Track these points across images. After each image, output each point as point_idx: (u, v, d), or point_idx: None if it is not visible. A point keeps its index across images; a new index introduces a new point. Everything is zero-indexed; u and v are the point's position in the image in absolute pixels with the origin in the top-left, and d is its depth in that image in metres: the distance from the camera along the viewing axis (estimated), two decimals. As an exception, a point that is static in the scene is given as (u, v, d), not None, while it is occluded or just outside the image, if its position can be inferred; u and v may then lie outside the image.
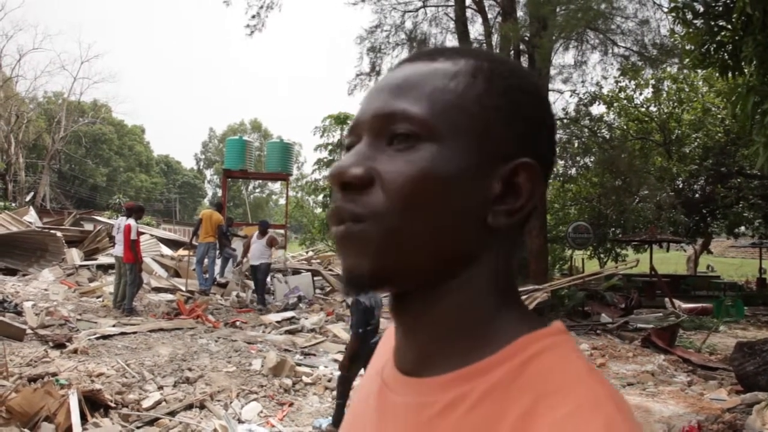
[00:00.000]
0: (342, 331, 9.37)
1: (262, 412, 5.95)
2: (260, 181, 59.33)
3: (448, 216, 0.60)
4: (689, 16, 6.69)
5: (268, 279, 12.62)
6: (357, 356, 5.62)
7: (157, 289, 11.90)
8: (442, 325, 0.63)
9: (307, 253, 17.43)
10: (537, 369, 0.57)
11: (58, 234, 14.50)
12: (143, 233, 14.32)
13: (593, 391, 0.54)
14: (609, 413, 0.52)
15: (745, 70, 6.42)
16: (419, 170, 0.59)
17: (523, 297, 10.61)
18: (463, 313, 0.63)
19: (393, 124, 0.61)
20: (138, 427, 5.27)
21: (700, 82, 23.44)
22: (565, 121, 19.27)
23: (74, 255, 14.08)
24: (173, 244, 17.63)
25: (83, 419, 5.04)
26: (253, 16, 16.81)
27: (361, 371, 5.59)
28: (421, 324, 0.64)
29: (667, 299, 15.92)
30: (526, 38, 14.51)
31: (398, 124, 0.61)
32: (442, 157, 0.60)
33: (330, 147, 33.27)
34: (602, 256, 25.38)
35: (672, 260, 35.40)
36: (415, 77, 0.63)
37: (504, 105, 0.62)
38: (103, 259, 14.29)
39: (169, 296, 11.45)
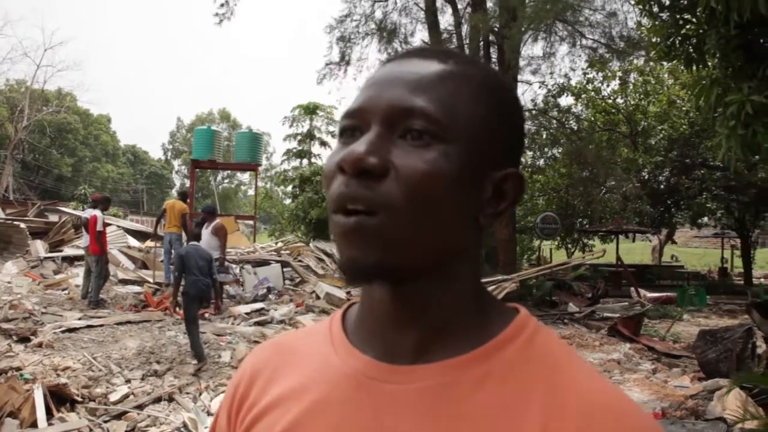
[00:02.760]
0: (312, 322, 9.36)
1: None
2: (229, 171, 58.86)
3: (452, 213, 0.65)
4: (655, 8, 6.77)
5: (237, 270, 12.52)
6: (190, 297, 7.35)
7: (124, 281, 11.74)
8: (445, 312, 0.68)
9: (276, 244, 17.34)
10: (540, 345, 0.67)
11: (22, 225, 14.25)
12: (110, 224, 14.12)
13: (586, 362, 0.68)
14: (606, 379, 0.66)
15: (709, 63, 6.52)
16: (434, 168, 0.62)
17: (492, 287, 10.74)
18: (461, 299, 0.69)
19: (410, 119, 0.63)
20: (105, 421, 5.22)
21: (666, 75, 23.79)
22: (533, 112, 19.42)
23: (38, 247, 13.82)
24: (140, 236, 17.39)
25: (49, 414, 4.97)
26: (222, 5, 16.62)
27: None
28: (424, 313, 0.68)
29: (632, 288, 16.20)
30: (496, 29, 14.58)
31: (415, 119, 0.63)
32: (452, 159, 0.63)
33: (299, 137, 33.06)
34: (570, 246, 25.73)
35: (637, 250, 36.00)
36: (431, 76, 0.66)
37: (502, 118, 0.69)
38: (68, 250, 14.05)
39: (137, 288, 11.32)
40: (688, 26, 6.54)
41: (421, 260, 0.65)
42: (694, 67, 6.61)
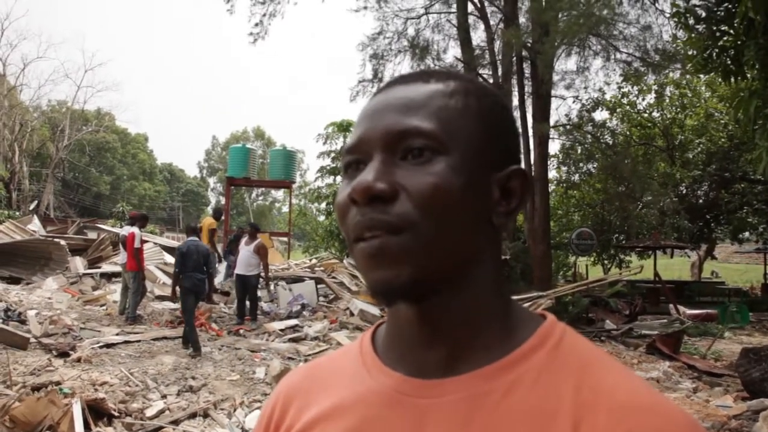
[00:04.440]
0: (346, 338, 9.35)
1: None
2: (263, 188, 59.47)
3: (468, 219, 0.67)
4: (691, 21, 6.69)
5: (272, 287, 12.59)
6: (185, 290, 8.37)
7: (161, 298, 11.89)
8: (470, 323, 0.69)
9: (310, 260, 17.40)
10: (568, 349, 0.67)
11: (62, 242, 14.53)
12: (147, 241, 14.35)
13: (616, 362, 0.67)
14: (637, 377, 0.66)
15: (748, 75, 6.42)
16: (442, 180, 0.64)
17: (528, 304, 10.61)
18: (485, 307, 0.70)
19: (407, 140, 0.66)
20: (141, 436, 5.26)
21: (703, 88, 23.46)
22: (568, 127, 19.26)
23: (78, 263, 14.10)
24: (177, 252, 17.62)
25: (87, 428, 5.03)
26: (256, 24, 16.90)
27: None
28: (449, 326, 0.69)
29: (671, 305, 15.89)
30: (529, 44, 14.52)
31: (413, 139, 0.66)
32: (456, 168, 0.65)
33: (333, 154, 33.25)
34: (606, 262, 25.34)
35: (676, 266, 35.27)
36: (418, 97, 0.68)
37: (494, 120, 0.71)
38: (106, 267, 14.30)
39: (173, 304, 11.44)
40: (725, 38, 6.45)
41: (445, 270, 0.66)
42: (733, 79, 6.51)
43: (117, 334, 8.88)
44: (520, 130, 15.98)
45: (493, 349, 0.68)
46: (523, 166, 0.73)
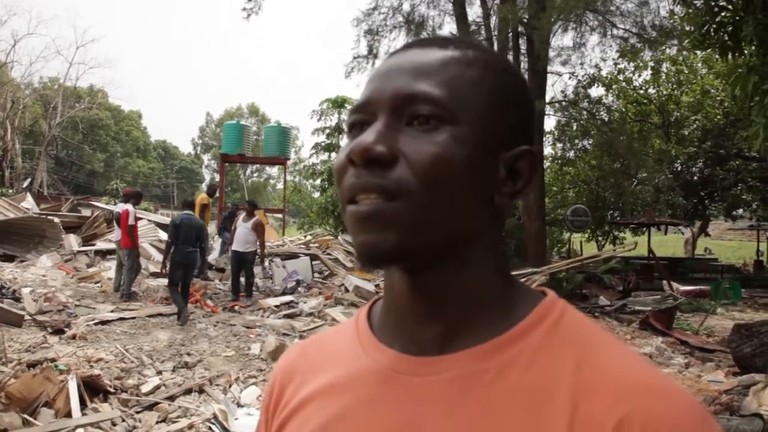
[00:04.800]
0: (341, 314, 9.38)
1: (261, 396, 5.95)
2: (258, 165, 59.30)
3: (468, 195, 0.64)
4: (689, -4, 6.65)
5: (266, 263, 12.60)
6: (174, 263, 8.66)
7: (156, 275, 11.88)
8: (467, 299, 0.67)
9: (305, 237, 17.41)
10: (567, 326, 0.65)
11: (56, 220, 14.49)
12: (141, 219, 14.32)
13: (618, 341, 0.65)
14: (639, 356, 0.64)
15: (746, 51, 6.38)
16: (444, 151, 0.62)
17: (522, 280, 10.65)
18: (484, 284, 0.68)
19: (415, 105, 0.64)
20: (137, 412, 5.28)
21: (699, 64, 23.37)
22: (563, 103, 19.19)
23: (72, 241, 14.08)
24: (171, 229, 17.58)
25: (82, 404, 5.04)
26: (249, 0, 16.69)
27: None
28: (445, 302, 0.67)
29: (664, 282, 15.98)
30: (525, 20, 14.41)
31: (420, 105, 0.63)
32: (461, 140, 0.63)
33: (328, 131, 33.11)
34: (600, 238, 25.43)
35: (670, 243, 35.46)
36: (432, 62, 0.66)
37: (509, 96, 0.68)
38: (101, 244, 14.27)
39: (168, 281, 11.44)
40: (723, 13, 6.41)
41: (438, 243, 0.64)
42: (730, 56, 6.48)
43: (112, 311, 8.89)
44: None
45: (490, 327, 0.66)
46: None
